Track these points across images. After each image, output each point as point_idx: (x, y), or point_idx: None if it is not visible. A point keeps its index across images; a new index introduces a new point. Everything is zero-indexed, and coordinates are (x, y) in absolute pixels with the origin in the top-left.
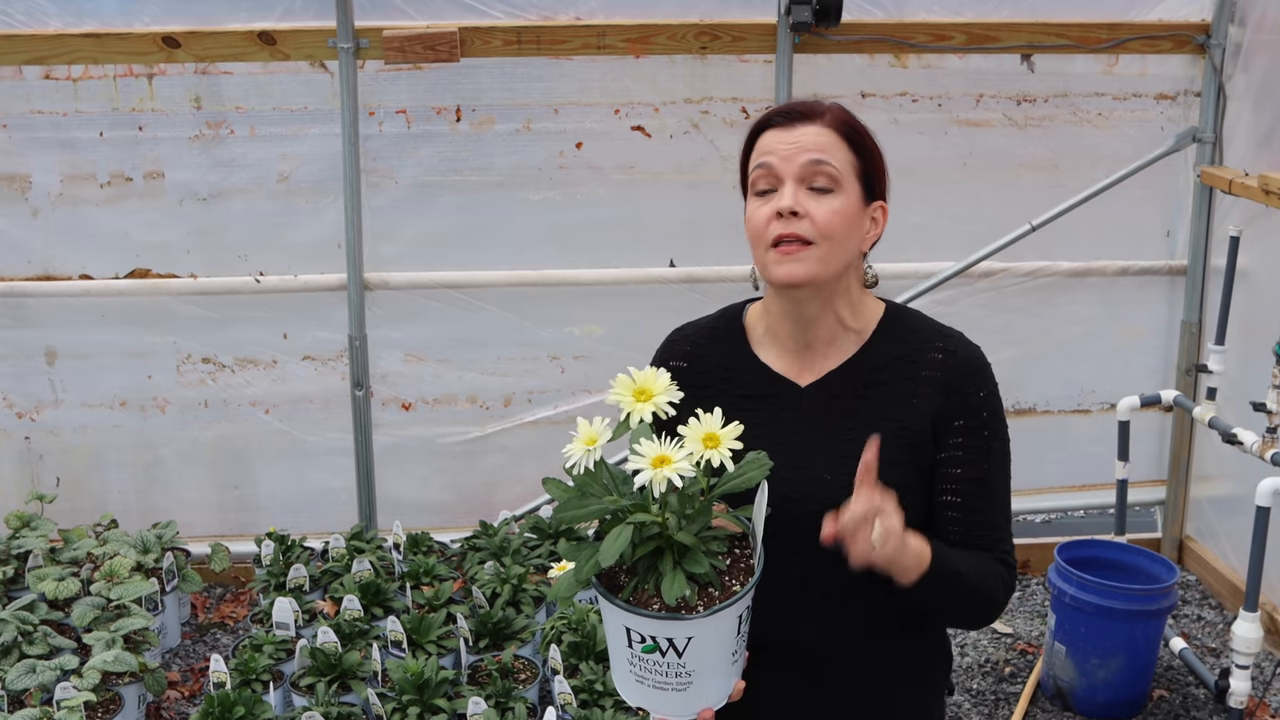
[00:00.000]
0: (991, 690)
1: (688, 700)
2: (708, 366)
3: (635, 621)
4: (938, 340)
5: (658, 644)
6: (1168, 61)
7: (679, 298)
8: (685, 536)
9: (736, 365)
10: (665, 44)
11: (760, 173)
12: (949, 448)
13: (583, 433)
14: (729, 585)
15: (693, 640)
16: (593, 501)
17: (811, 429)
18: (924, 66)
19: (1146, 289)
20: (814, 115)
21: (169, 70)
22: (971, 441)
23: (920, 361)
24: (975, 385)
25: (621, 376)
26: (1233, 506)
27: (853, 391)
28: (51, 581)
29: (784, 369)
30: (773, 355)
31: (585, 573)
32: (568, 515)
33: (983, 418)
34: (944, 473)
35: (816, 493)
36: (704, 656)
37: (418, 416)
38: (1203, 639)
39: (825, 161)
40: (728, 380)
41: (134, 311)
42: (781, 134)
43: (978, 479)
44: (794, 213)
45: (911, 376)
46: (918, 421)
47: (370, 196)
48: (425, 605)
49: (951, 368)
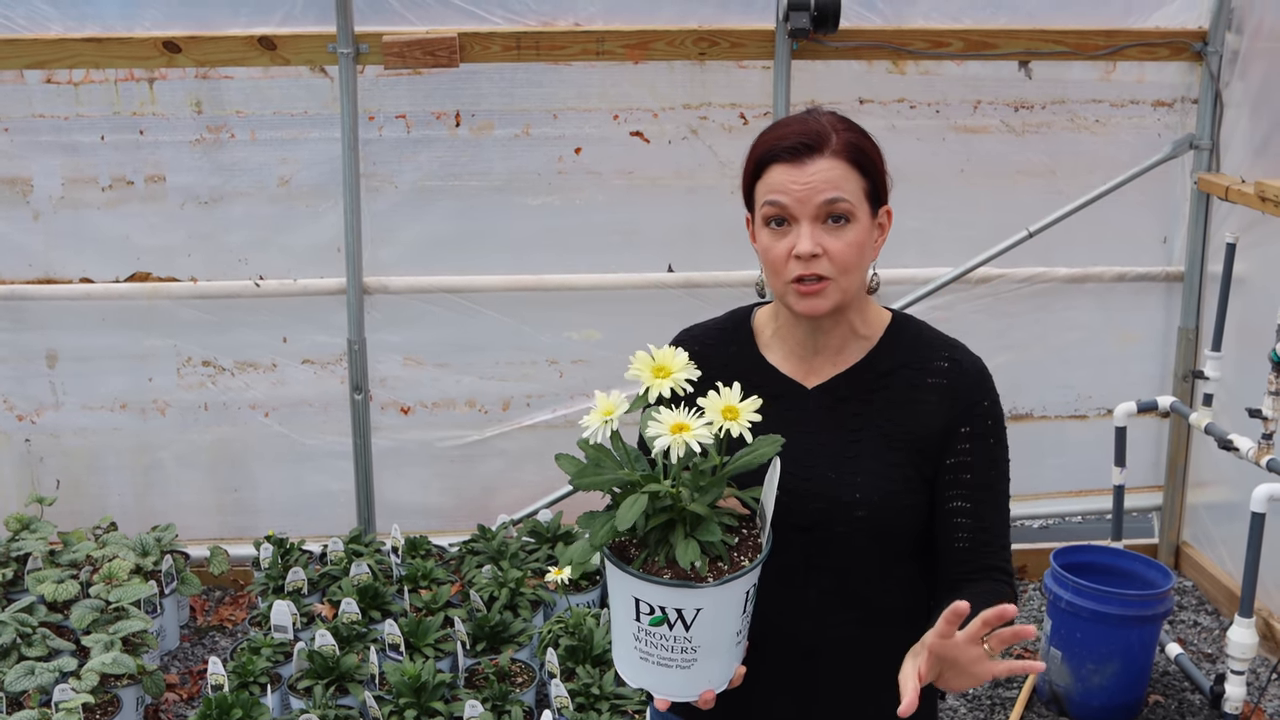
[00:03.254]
0: (987, 695)
1: (691, 680)
2: (715, 366)
3: (645, 590)
4: (943, 350)
5: (666, 616)
6: (1165, 68)
7: (677, 303)
8: (698, 506)
9: (744, 366)
10: (664, 50)
11: (772, 210)
12: (956, 454)
13: (600, 405)
14: (738, 560)
15: (701, 612)
16: (607, 471)
17: (817, 429)
18: (922, 73)
19: (1143, 295)
20: (822, 146)
21: (170, 74)
22: (978, 448)
23: (927, 369)
24: (981, 394)
25: (640, 354)
26: (1229, 512)
27: (859, 395)
28: (50, 584)
29: (791, 371)
30: (780, 357)
31: (601, 537)
32: (584, 482)
33: (988, 425)
34: (952, 479)
35: (819, 490)
36: (711, 631)
37: (416, 420)
38: (1198, 644)
39: (840, 199)
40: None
41: (134, 315)
42: (792, 171)
43: (985, 485)
44: (813, 255)
45: (918, 384)
46: (922, 427)
47: (370, 201)
48: (423, 608)
49: (958, 376)
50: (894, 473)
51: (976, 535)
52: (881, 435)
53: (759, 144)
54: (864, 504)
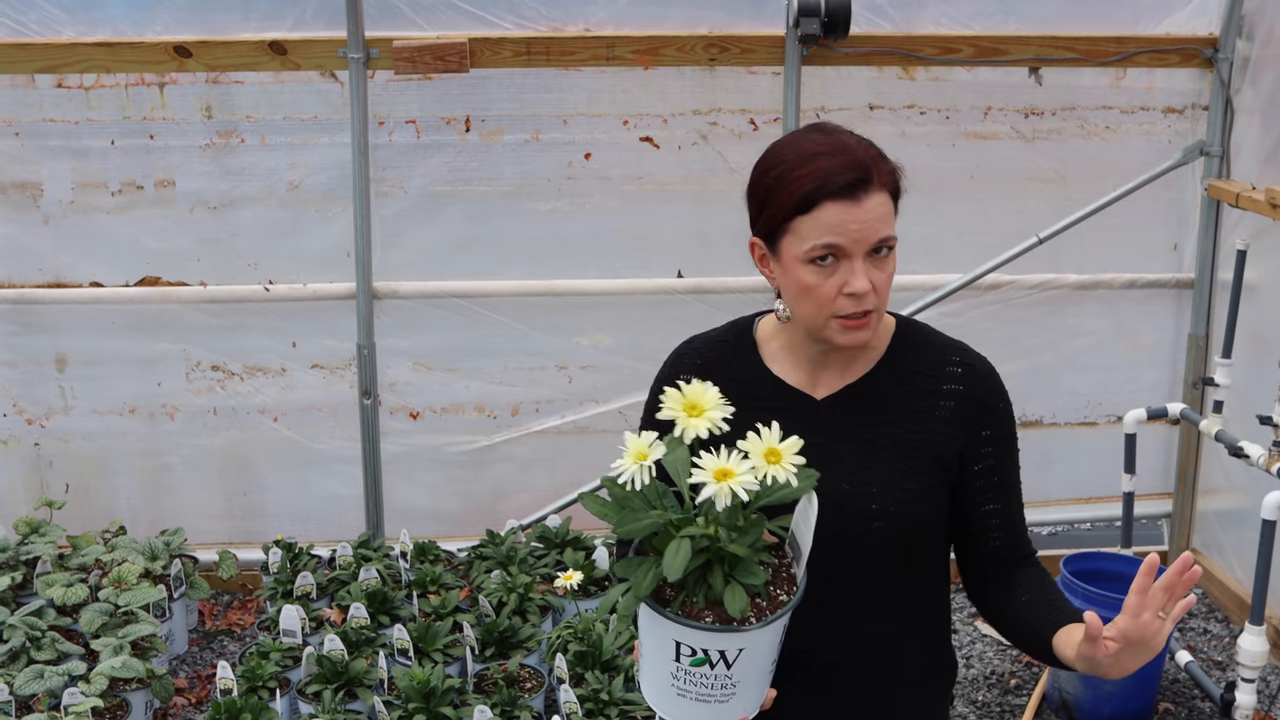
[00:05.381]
0: (997, 702)
1: (728, 711)
2: (719, 380)
3: (687, 635)
4: (954, 354)
5: (708, 657)
6: (1175, 75)
7: (686, 308)
8: (739, 548)
9: (749, 378)
10: (674, 56)
11: (824, 250)
12: (981, 458)
13: (633, 447)
14: (774, 595)
15: (744, 651)
16: (641, 515)
17: (828, 440)
18: (932, 79)
19: (1153, 302)
20: (871, 179)
21: (180, 79)
22: (1000, 450)
23: (940, 374)
24: (996, 395)
25: (671, 391)
26: (1239, 520)
27: (871, 404)
28: (60, 587)
29: (798, 382)
30: (786, 369)
31: (646, 587)
32: (626, 530)
33: (1005, 427)
34: (981, 484)
35: (835, 502)
36: (751, 667)
37: (425, 425)
38: (1208, 652)
39: (890, 236)
40: (740, 394)
41: (144, 319)
42: (850, 210)
43: (1010, 484)
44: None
45: (933, 390)
46: (940, 433)
47: (379, 206)
48: (432, 613)
49: (972, 380)
50: (910, 481)
51: (1009, 532)
52: (896, 444)
53: (804, 177)
54: (881, 514)
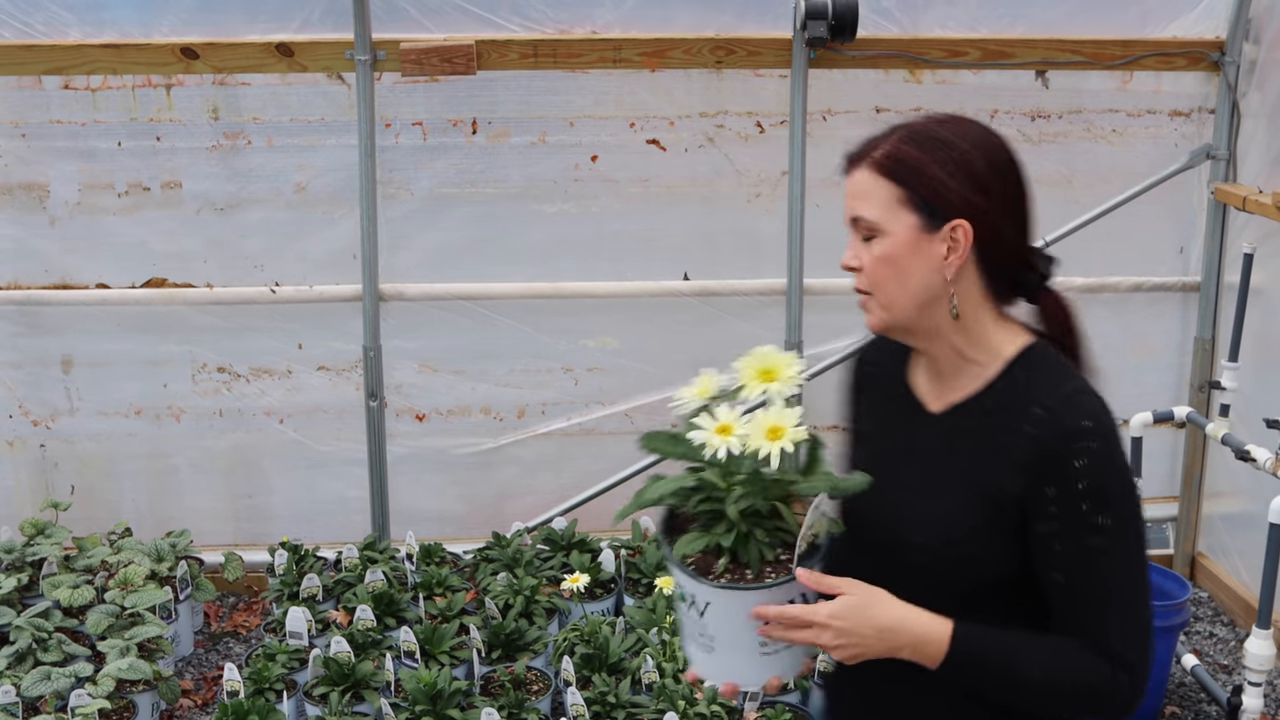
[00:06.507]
0: None
1: (715, 665)
2: (875, 372)
3: (672, 567)
4: (1049, 397)
5: (684, 596)
6: (1182, 78)
7: (693, 311)
8: (732, 510)
9: (890, 378)
10: (681, 58)
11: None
12: (1046, 518)
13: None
14: (764, 575)
15: (710, 606)
16: (681, 444)
17: (916, 455)
18: (939, 82)
19: (1160, 305)
20: (862, 157)
21: (187, 81)
22: (1068, 512)
23: (1025, 415)
24: (1072, 452)
25: (745, 359)
26: (1246, 523)
27: (961, 430)
28: (66, 589)
29: (924, 392)
30: (922, 377)
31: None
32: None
33: (1079, 488)
34: (1045, 547)
35: (885, 519)
36: (721, 629)
37: (431, 427)
38: (1215, 656)
39: (860, 216)
40: (878, 391)
41: (150, 320)
42: (846, 183)
43: (1080, 554)
44: (849, 267)
45: (1014, 429)
46: (1002, 477)
47: (386, 207)
48: (438, 616)
49: (1048, 429)
50: (965, 519)
51: (1071, 609)
52: (963, 477)
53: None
54: (923, 549)
